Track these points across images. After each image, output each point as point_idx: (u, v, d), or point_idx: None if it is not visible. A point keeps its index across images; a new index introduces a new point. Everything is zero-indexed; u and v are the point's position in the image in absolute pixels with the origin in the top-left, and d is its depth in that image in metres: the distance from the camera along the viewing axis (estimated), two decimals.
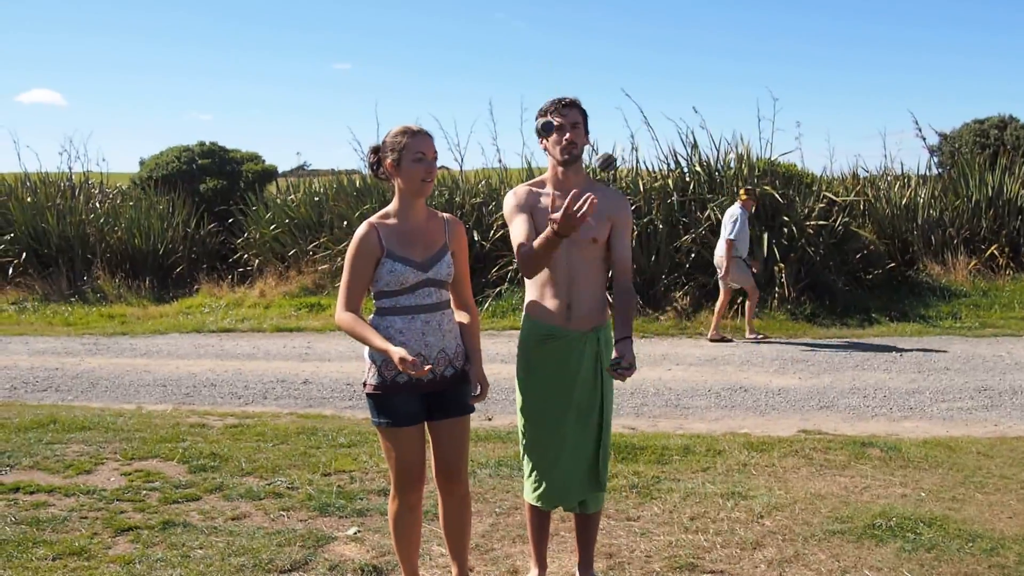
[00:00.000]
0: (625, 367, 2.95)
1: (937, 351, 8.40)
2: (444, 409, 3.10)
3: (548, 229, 2.81)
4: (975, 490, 4.47)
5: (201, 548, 3.78)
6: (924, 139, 14.64)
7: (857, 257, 11.23)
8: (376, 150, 3.11)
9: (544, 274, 3.17)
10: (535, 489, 3.25)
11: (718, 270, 9.27)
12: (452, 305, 3.17)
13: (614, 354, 2.98)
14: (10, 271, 13.17)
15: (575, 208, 2.69)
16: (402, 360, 2.74)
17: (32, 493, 4.52)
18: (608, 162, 3.36)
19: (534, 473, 3.24)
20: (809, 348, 8.71)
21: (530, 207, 3.16)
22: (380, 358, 3.01)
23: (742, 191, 9.36)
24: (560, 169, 3.17)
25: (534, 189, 3.23)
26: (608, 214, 3.17)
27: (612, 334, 3.28)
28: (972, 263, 11.44)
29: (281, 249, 13.11)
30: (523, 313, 3.30)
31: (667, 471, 4.82)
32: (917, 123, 16.14)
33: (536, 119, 3.22)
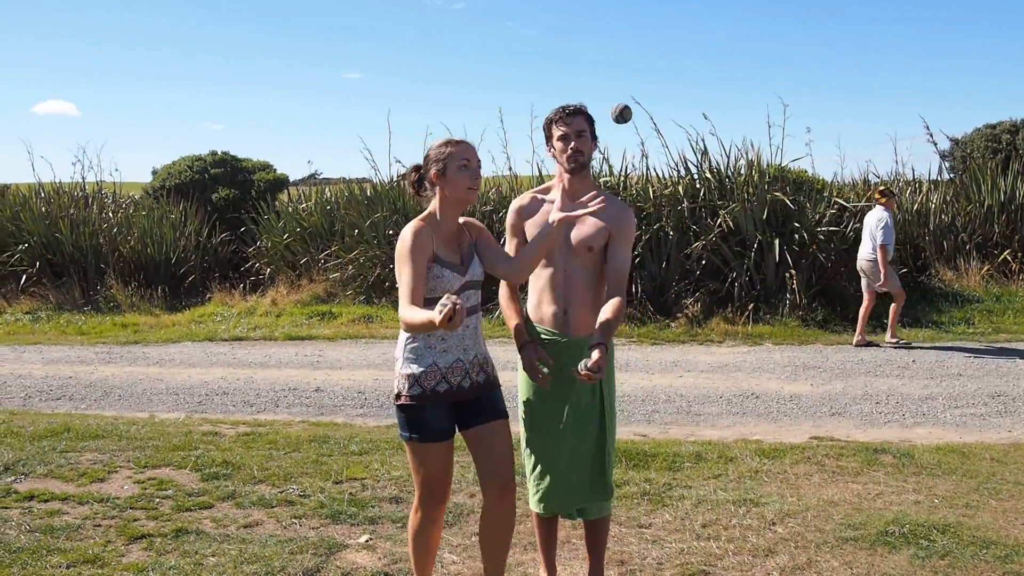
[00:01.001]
0: (593, 370, 2.87)
1: (950, 357, 8.35)
2: (479, 415, 3.05)
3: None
4: (989, 496, 4.45)
5: (214, 556, 3.80)
6: (935, 144, 14.56)
7: None
8: (418, 168, 3.12)
9: (542, 280, 3.25)
10: (535, 494, 3.26)
11: (864, 276, 9.21)
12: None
13: (591, 359, 2.89)
14: (24, 280, 13.27)
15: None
16: (444, 310, 2.46)
17: (46, 501, 4.55)
18: (624, 114, 3.29)
19: (534, 479, 3.26)
20: (821, 354, 8.68)
21: (526, 218, 3.27)
22: (420, 367, 2.97)
23: (877, 193, 9.33)
24: (567, 176, 3.22)
25: (539, 196, 3.30)
26: (608, 224, 3.20)
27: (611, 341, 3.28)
28: (985, 268, 11.38)
29: (293, 258, 13.17)
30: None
31: (679, 478, 4.81)
32: (928, 128, 16.07)
33: (544, 127, 3.27)
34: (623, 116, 3.30)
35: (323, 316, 11.35)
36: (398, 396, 3.01)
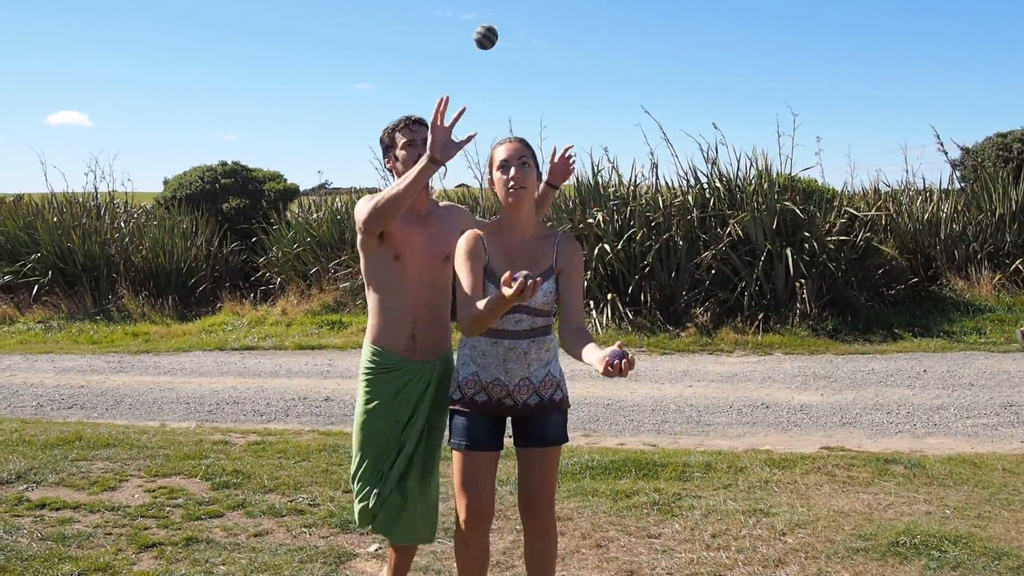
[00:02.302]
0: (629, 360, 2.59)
1: (962, 367, 8.31)
2: (525, 438, 2.95)
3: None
4: (1001, 507, 4.42)
5: (224, 564, 3.81)
6: (946, 153, 14.48)
7: (879, 272, 11.15)
8: None
9: (393, 299, 3.10)
10: (359, 511, 3.21)
11: None
12: (555, 331, 2.91)
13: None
14: (37, 290, 13.35)
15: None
16: (516, 283, 2.40)
17: (58, 509, 4.57)
18: (487, 35, 2.96)
19: (362, 497, 3.19)
20: (831, 364, 8.65)
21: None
22: (463, 374, 2.93)
23: None
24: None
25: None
26: (457, 226, 3.09)
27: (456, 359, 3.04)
28: (996, 278, 11.32)
29: (303, 267, 13.21)
30: (366, 337, 3.20)
31: (688, 488, 4.80)
32: (939, 137, 15.95)
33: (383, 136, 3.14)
34: (488, 38, 3.00)
35: (333, 325, 11.38)
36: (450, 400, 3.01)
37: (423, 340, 3.09)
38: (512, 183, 2.79)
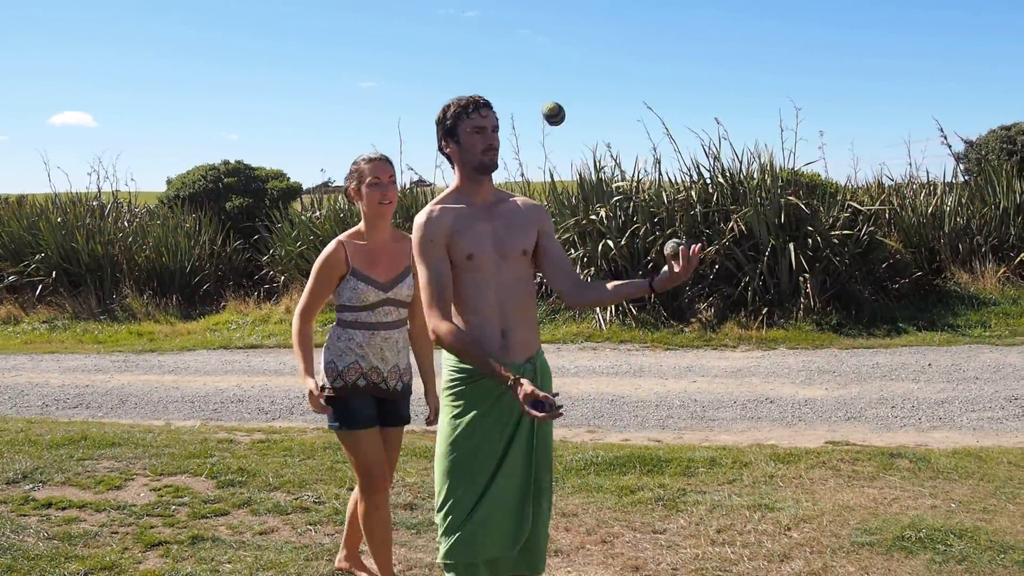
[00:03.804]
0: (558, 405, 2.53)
1: (967, 360, 8.30)
2: (385, 418, 3.39)
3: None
4: (1007, 501, 4.42)
5: (230, 563, 3.82)
6: (949, 146, 14.43)
7: (883, 266, 11.13)
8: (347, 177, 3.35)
9: (473, 299, 2.75)
10: (451, 547, 2.73)
11: None
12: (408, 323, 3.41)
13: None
14: (41, 290, 13.38)
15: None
16: (310, 394, 3.20)
17: (64, 509, 4.59)
18: (555, 115, 2.80)
19: (449, 529, 2.74)
20: (836, 359, 8.64)
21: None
22: (343, 364, 3.27)
23: None
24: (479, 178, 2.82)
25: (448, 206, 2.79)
26: (533, 220, 2.86)
27: (545, 358, 2.91)
28: (1001, 271, 11.29)
29: (306, 265, 13.20)
30: (443, 351, 2.79)
31: (693, 483, 4.80)
32: (942, 130, 15.90)
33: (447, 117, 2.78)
34: (555, 117, 2.85)
35: None
36: (322, 389, 3.29)
37: (515, 337, 2.77)
38: (384, 200, 3.25)
